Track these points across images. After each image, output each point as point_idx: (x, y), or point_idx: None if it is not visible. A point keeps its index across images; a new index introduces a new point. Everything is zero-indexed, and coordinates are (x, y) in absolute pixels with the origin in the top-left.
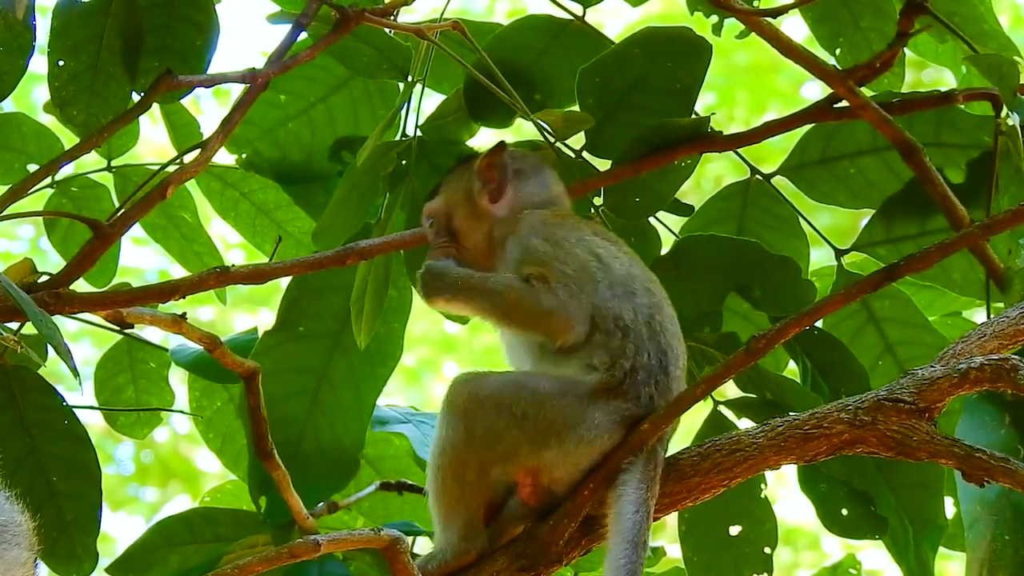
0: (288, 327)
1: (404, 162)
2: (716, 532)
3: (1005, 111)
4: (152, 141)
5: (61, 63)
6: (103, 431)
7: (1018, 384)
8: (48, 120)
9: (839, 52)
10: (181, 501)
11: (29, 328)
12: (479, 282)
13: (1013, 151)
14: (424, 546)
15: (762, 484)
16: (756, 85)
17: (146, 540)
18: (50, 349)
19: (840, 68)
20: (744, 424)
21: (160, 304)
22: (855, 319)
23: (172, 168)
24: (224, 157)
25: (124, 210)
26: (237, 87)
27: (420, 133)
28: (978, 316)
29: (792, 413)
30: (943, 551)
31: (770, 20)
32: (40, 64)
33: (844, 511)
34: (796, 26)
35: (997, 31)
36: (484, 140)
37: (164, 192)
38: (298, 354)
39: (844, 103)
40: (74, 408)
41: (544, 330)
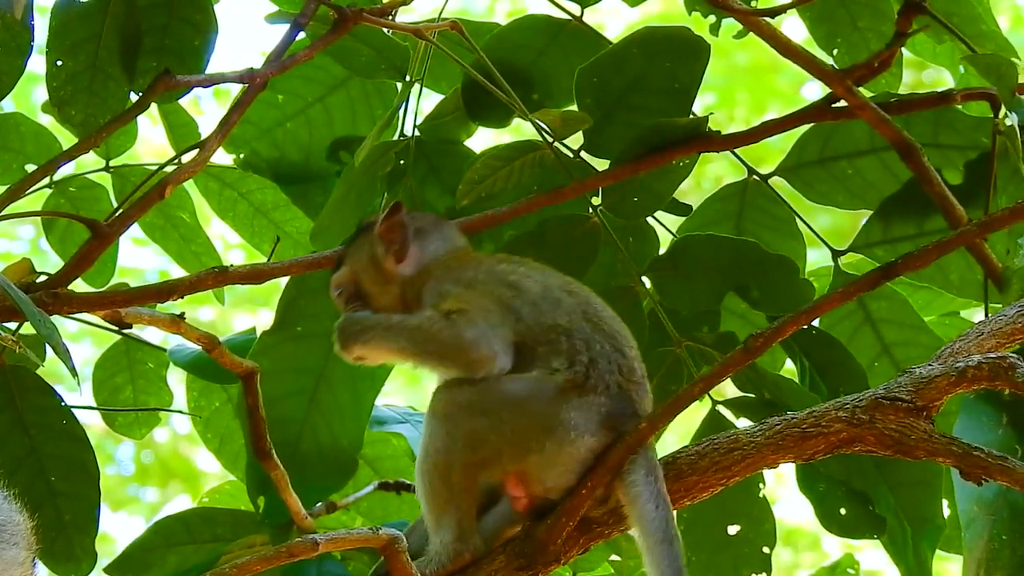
0: (286, 327)
1: (402, 162)
2: (714, 532)
3: (1003, 111)
4: (150, 141)
5: (59, 63)
6: (103, 432)
7: (1016, 382)
8: (47, 120)
9: (837, 52)
10: (181, 501)
11: (28, 328)
12: (397, 321)
13: (1011, 151)
14: None
15: (760, 483)
16: (756, 85)
17: (144, 540)
18: (49, 349)
19: (838, 68)
20: (742, 424)
21: (159, 304)
22: (852, 320)
23: (170, 168)
24: (222, 157)
25: (122, 210)
26: (237, 87)
27: (418, 133)
28: (975, 317)
29: (790, 412)
30: (941, 552)
31: (768, 20)
32: (41, 64)
33: (842, 510)
34: (796, 27)
35: (995, 31)
36: (483, 140)
37: (162, 192)
38: (296, 354)
39: (842, 103)
40: (73, 408)
41: (464, 362)
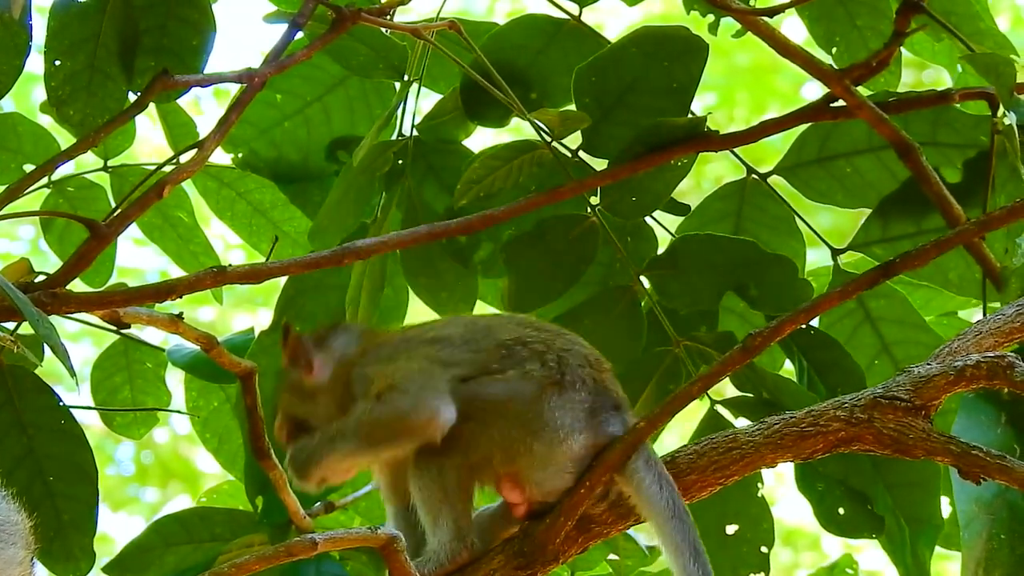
0: None
1: (400, 162)
2: (713, 531)
3: (1001, 110)
4: (149, 141)
5: (58, 63)
6: (103, 432)
7: (1014, 381)
8: (45, 120)
9: (835, 51)
10: (181, 501)
11: (26, 328)
12: (337, 428)
13: (1009, 150)
14: None
15: (759, 483)
16: (756, 85)
17: (143, 540)
18: (47, 349)
19: (836, 67)
20: (741, 423)
21: (157, 304)
22: (851, 319)
23: (169, 168)
24: (220, 157)
25: (121, 210)
26: (235, 87)
27: (416, 133)
28: (974, 316)
29: (788, 412)
30: (939, 550)
31: (767, 19)
32: (39, 64)
33: (841, 510)
34: (796, 27)
35: (993, 30)
36: (481, 140)
37: (160, 192)
38: None
39: (841, 102)
40: (71, 408)
41: (412, 432)
